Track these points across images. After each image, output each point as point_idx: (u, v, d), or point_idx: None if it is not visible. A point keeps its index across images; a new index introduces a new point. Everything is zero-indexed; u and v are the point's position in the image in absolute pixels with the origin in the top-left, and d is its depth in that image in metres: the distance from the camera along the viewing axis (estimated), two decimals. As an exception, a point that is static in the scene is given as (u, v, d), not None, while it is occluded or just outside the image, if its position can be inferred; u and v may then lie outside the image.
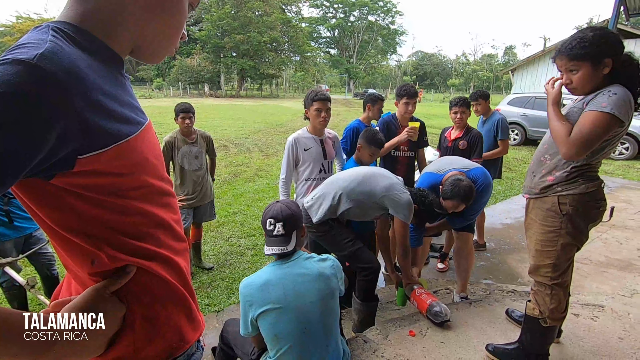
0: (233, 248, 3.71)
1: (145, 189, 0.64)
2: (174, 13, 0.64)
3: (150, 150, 0.66)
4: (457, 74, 62.92)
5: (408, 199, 2.03)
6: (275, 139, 10.64)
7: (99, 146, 0.53)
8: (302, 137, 2.43)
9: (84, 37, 0.56)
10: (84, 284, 0.63)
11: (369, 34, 53.75)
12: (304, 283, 1.40)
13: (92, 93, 0.52)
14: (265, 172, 6.78)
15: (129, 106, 0.62)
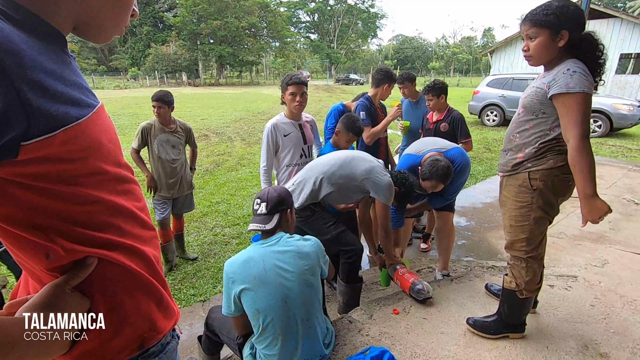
0: (217, 237, 3.68)
1: (99, 176, 0.60)
2: None
3: (104, 134, 0.61)
4: (438, 57, 63.16)
5: (388, 181, 2.05)
6: (256, 126, 10.50)
7: (45, 131, 0.49)
8: (280, 123, 2.40)
9: (19, 13, 0.52)
10: (41, 281, 0.60)
11: (348, 17, 53.16)
12: (284, 259, 1.45)
13: (31, 71, 0.48)
14: (247, 161, 6.71)
15: (77, 86, 0.57)
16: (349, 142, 2.46)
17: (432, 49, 69.12)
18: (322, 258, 1.55)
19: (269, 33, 40.81)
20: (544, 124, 1.59)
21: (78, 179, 0.57)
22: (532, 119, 1.62)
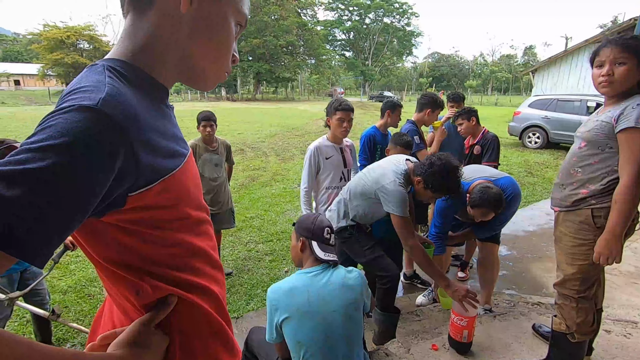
0: (251, 253, 3.73)
1: (185, 220, 0.64)
2: (220, 37, 0.62)
3: (191, 180, 0.66)
4: (475, 75, 61.85)
5: (396, 189, 1.82)
6: (291, 142, 10.68)
7: (147, 182, 0.54)
8: (323, 146, 2.44)
9: (133, 73, 0.56)
10: (126, 312, 0.64)
11: (384, 36, 53.56)
12: (329, 291, 1.42)
13: (145, 133, 0.52)
14: (281, 177, 6.81)
15: (174, 138, 0.62)
16: None
17: (469, 67, 67.86)
18: (365, 291, 1.51)
19: (306, 51, 41.92)
20: (610, 159, 1.51)
21: (166, 224, 0.61)
22: (598, 154, 1.55)
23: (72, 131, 0.42)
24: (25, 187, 0.39)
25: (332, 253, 1.51)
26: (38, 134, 0.43)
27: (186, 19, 0.58)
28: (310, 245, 1.50)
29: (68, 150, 0.41)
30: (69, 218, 0.43)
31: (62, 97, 0.50)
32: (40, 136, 0.42)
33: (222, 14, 0.61)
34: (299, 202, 5.38)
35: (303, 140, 11.01)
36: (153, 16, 0.57)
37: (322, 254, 1.48)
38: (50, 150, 0.41)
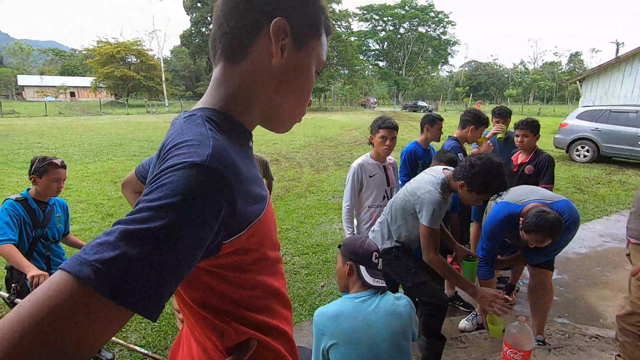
0: (287, 266, 3.74)
1: (264, 262, 0.65)
2: (303, 87, 0.64)
3: (271, 221, 0.67)
4: (515, 83, 59.44)
5: (432, 198, 1.74)
6: (325, 153, 10.73)
7: (240, 229, 0.55)
8: (366, 164, 2.42)
9: (225, 120, 0.60)
10: (206, 351, 0.65)
11: (419, 45, 52.95)
12: (377, 318, 1.38)
13: (242, 182, 0.54)
14: (316, 188, 6.83)
15: (257, 181, 0.63)
16: None
17: (509, 75, 65.37)
18: (414, 319, 1.46)
19: (339, 61, 42.33)
20: None
21: (249, 266, 0.62)
22: None
23: (186, 189, 0.44)
24: (148, 245, 0.40)
25: (380, 279, 1.48)
26: (155, 191, 0.45)
27: (275, 71, 0.60)
28: (357, 269, 1.47)
29: (183, 207, 0.43)
30: (182, 273, 0.45)
31: (168, 151, 0.51)
32: (157, 194, 0.44)
33: (306, 65, 0.63)
34: (333, 214, 5.40)
35: (336, 151, 11.03)
36: (244, 67, 0.60)
37: (370, 279, 1.45)
38: (168, 208, 0.43)
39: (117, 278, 0.38)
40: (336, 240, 4.40)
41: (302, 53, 0.61)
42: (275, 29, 0.56)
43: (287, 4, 0.58)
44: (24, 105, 36.09)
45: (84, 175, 7.51)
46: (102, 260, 0.38)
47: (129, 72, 40.92)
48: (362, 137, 15.09)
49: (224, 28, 0.60)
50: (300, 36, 0.60)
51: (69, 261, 0.39)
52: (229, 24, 0.59)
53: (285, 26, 0.57)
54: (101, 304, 0.38)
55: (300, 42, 0.60)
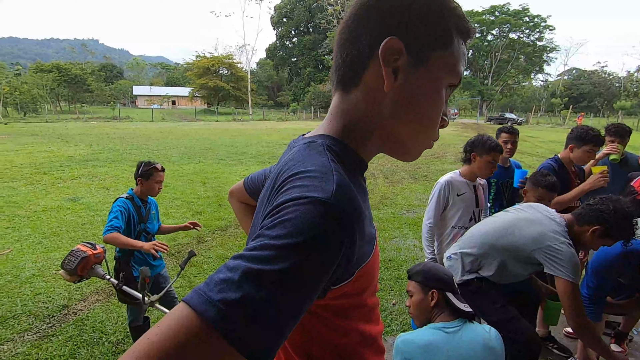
0: (358, 279, 3.71)
1: (366, 308, 0.61)
2: (428, 106, 0.55)
3: (377, 265, 0.62)
4: (629, 94, 51.21)
5: (569, 251, 1.57)
6: (399, 165, 10.46)
7: (350, 274, 0.51)
8: (455, 181, 2.28)
9: (343, 150, 0.57)
10: None
11: (509, 52, 48.89)
12: (472, 354, 1.26)
13: (362, 222, 0.49)
14: (390, 201, 6.68)
15: (370, 218, 0.58)
16: (541, 201, 2.09)
17: (621, 85, 56.62)
18: (504, 353, 1.32)
19: (419, 71, 41.15)
20: None
21: (349, 311, 0.58)
22: None
23: (310, 229, 0.42)
24: (270, 289, 0.39)
25: (465, 303, 1.37)
26: (278, 227, 0.43)
27: (390, 96, 0.54)
28: (445, 297, 1.39)
29: (307, 250, 0.41)
30: (298, 317, 0.43)
31: (287, 178, 0.49)
32: (280, 230, 0.42)
33: (430, 83, 0.54)
34: (407, 229, 5.22)
35: (412, 164, 10.65)
36: (357, 96, 0.56)
37: (461, 305, 1.35)
38: (292, 249, 0.41)
39: (239, 322, 0.37)
40: (410, 257, 4.23)
41: (424, 70, 0.53)
42: (384, 52, 0.51)
43: (400, 19, 0.52)
44: (136, 112, 42.16)
45: (179, 175, 8.44)
46: (227, 302, 0.37)
47: (220, 83, 45.14)
48: (439, 150, 14.37)
49: (338, 60, 0.57)
50: (420, 51, 0.53)
51: (195, 296, 0.39)
52: (341, 55, 0.56)
53: (397, 46, 0.51)
54: (220, 346, 0.37)
55: (421, 58, 0.53)
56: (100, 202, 6.00)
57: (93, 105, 51.33)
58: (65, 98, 46.48)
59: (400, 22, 0.52)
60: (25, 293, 3.24)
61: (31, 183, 7.22)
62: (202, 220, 5.34)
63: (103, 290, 3.33)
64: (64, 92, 44.25)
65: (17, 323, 2.82)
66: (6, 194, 6.39)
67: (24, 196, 6.28)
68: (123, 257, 2.29)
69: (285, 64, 55.94)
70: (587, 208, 1.66)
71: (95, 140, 14.71)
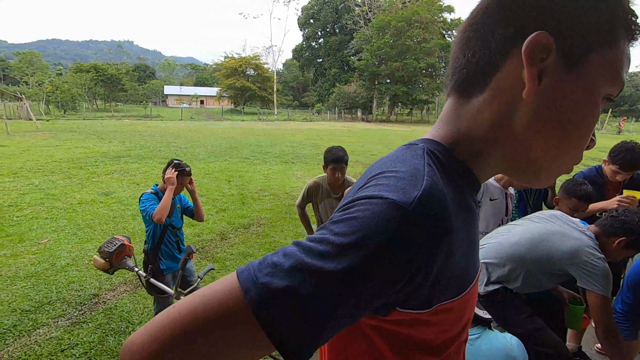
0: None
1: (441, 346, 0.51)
2: (578, 121, 0.44)
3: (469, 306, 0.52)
4: (676, 97, 47.91)
5: (605, 265, 1.57)
6: (424, 168, 10.28)
7: (419, 306, 0.44)
8: (491, 185, 2.19)
9: (450, 160, 0.48)
10: None
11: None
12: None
13: (451, 244, 0.42)
14: (413, 204, 6.57)
15: (473, 248, 0.50)
16: (574, 211, 2.01)
17: (667, 88, 53.11)
18: None
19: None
20: None
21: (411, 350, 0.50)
22: None
23: (377, 234, 0.37)
24: (319, 287, 0.36)
25: (484, 310, 1.33)
26: (344, 222, 0.39)
27: (528, 104, 0.44)
28: None
29: (366, 255, 0.37)
30: (340, 323, 0.38)
31: (373, 176, 0.44)
32: (344, 227, 0.38)
33: (585, 91, 0.43)
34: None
35: (437, 167, 10.42)
36: (481, 101, 0.47)
37: (480, 312, 1.32)
38: (351, 251, 0.37)
39: (277, 310, 0.36)
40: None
41: (578, 74, 0.42)
42: (529, 49, 0.41)
43: (551, 9, 0.41)
44: (166, 111, 43.64)
45: (205, 172, 8.66)
46: (270, 287, 0.36)
47: (247, 83, 45.99)
48: (467, 153, 14.00)
49: (459, 61, 0.49)
50: (575, 50, 0.42)
51: (245, 271, 0.38)
52: (465, 55, 0.48)
53: (546, 42, 0.41)
54: (253, 328, 0.36)
55: (575, 59, 0.42)
56: (131, 197, 6.25)
57: (127, 104, 53.61)
58: (102, 97, 48.83)
59: (551, 13, 0.41)
60: (60, 281, 3.43)
61: (68, 177, 7.63)
62: (226, 218, 5.46)
63: (131, 281, 3.47)
64: (101, 91, 46.49)
65: (52, 309, 2.98)
66: (46, 186, 6.78)
67: (61, 189, 6.65)
68: (151, 251, 2.38)
69: (311, 64, 56.21)
70: (612, 220, 1.67)
71: (128, 137, 15.35)
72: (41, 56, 60.73)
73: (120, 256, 2.21)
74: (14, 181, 7.07)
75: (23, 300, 3.07)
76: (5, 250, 4.04)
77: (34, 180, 7.13)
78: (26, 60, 54.68)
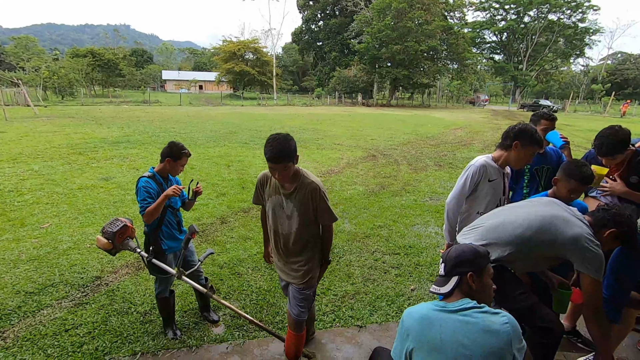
0: (377, 264, 3.71)
1: None
2: None
3: None
4: (680, 80, 47.23)
5: (600, 253, 1.66)
6: (424, 152, 10.24)
7: None
8: (490, 166, 2.16)
9: None
10: None
11: (547, 35, 45.92)
12: (465, 332, 1.26)
13: None
14: (412, 187, 6.58)
15: None
16: (572, 193, 2.01)
17: (672, 70, 52.31)
18: (516, 342, 1.27)
19: (448, 55, 39.69)
20: None
21: None
22: None
23: None
24: None
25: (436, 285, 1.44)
26: None
27: None
28: None
29: None
30: None
31: None
32: None
33: None
34: (429, 216, 5.15)
35: (437, 151, 10.41)
36: None
37: (432, 287, 1.44)
38: None
39: None
40: (431, 244, 4.19)
41: None
42: None
43: None
44: (165, 96, 43.24)
45: (205, 157, 8.65)
46: None
47: (246, 68, 45.34)
48: (467, 137, 13.94)
49: None
50: None
51: None
52: None
53: None
54: None
55: None
56: (131, 182, 6.26)
57: (125, 89, 53.06)
58: (99, 82, 48.21)
59: None
60: (63, 264, 3.47)
61: (68, 162, 7.63)
62: (226, 202, 5.48)
63: (132, 264, 3.51)
64: (98, 76, 45.85)
65: (55, 291, 3.03)
66: (46, 172, 6.79)
67: (61, 174, 6.66)
68: (152, 232, 2.40)
69: (311, 48, 55.19)
70: (604, 212, 1.76)
71: (126, 123, 15.26)
72: (37, 41, 59.58)
73: (123, 237, 2.24)
74: (14, 167, 7.07)
75: (26, 283, 3.11)
76: (8, 235, 4.07)
77: (34, 166, 7.14)
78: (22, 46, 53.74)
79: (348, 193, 6.15)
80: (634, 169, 2.32)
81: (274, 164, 1.77)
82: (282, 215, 2.00)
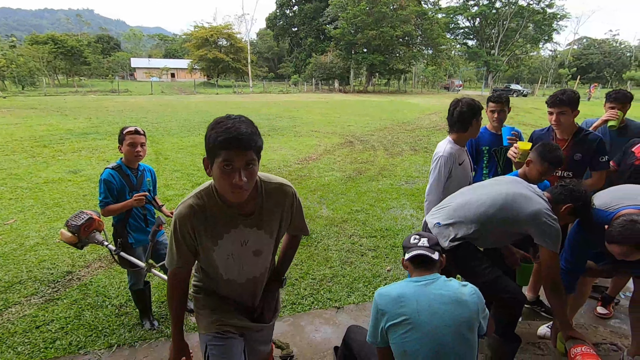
0: (355, 247, 3.78)
1: None
2: None
3: None
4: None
5: (558, 227, 1.75)
6: (400, 137, 10.39)
7: None
8: (455, 150, 2.21)
9: None
10: None
11: (517, 20, 47.06)
12: (440, 304, 1.34)
13: None
14: (389, 172, 6.69)
15: None
16: (543, 175, 2.09)
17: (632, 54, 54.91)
18: (482, 311, 1.37)
19: (423, 41, 39.95)
20: None
21: None
22: None
23: None
24: None
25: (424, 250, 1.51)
26: None
27: None
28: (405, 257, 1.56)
29: None
30: None
31: None
32: None
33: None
34: (405, 199, 5.27)
35: (413, 136, 10.59)
36: None
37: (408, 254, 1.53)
38: None
39: None
40: (406, 227, 4.29)
41: None
42: None
43: None
44: (135, 85, 41.54)
45: (179, 147, 8.44)
46: None
47: (220, 55, 44.07)
48: (442, 122, 14.21)
49: None
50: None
51: None
52: None
53: None
54: None
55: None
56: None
57: (91, 78, 50.48)
58: (63, 71, 45.68)
59: None
60: (30, 260, 3.34)
61: (32, 156, 7.25)
62: (202, 192, 5.38)
63: (105, 257, 3.42)
64: (61, 64, 43.40)
65: (24, 288, 2.93)
66: (7, 166, 6.44)
67: (25, 169, 6.33)
68: (119, 224, 2.34)
69: (286, 34, 54.17)
70: (562, 188, 1.84)
71: (94, 113, 14.60)
72: (-10, 27, 55.45)
73: (89, 230, 2.17)
74: (-28, 162, 6.66)
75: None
76: (-32, 233, 3.87)
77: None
78: (-27, 32, 49.99)
79: (326, 179, 6.19)
80: (578, 146, 2.42)
81: (242, 150, 1.13)
82: (246, 256, 1.37)
